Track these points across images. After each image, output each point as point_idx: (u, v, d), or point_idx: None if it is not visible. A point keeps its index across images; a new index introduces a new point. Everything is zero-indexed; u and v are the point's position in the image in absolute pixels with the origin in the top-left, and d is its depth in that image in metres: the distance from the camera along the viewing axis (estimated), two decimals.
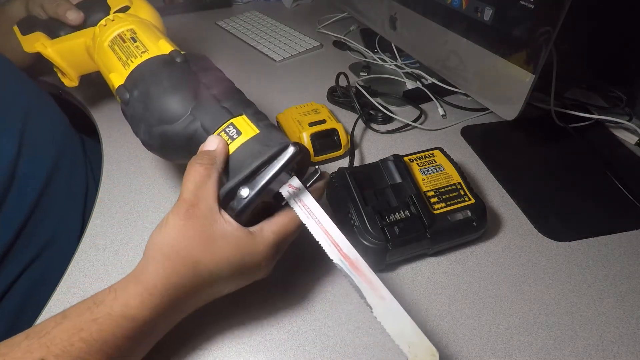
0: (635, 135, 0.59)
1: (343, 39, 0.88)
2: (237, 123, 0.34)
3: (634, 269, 0.43)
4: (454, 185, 0.44)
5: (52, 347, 0.27)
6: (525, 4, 0.45)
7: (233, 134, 0.34)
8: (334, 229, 0.32)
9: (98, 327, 0.28)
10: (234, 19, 0.99)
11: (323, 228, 0.32)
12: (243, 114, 0.35)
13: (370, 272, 0.30)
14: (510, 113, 0.50)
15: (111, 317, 0.28)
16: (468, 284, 0.41)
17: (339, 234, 0.31)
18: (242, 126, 0.34)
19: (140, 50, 0.41)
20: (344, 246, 0.31)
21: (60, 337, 0.27)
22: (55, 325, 0.28)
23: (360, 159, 0.57)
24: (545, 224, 0.47)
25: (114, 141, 0.60)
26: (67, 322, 0.28)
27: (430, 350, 0.26)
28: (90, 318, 0.28)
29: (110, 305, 0.28)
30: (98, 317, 0.28)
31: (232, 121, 0.35)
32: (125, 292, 0.29)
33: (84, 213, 0.56)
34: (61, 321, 0.28)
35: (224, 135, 0.34)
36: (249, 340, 0.36)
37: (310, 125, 0.55)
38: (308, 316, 0.38)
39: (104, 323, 0.28)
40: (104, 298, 0.29)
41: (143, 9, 0.50)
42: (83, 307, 0.29)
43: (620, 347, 0.36)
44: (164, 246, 0.30)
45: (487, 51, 0.52)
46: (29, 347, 0.27)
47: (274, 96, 0.70)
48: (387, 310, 0.28)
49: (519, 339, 0.37)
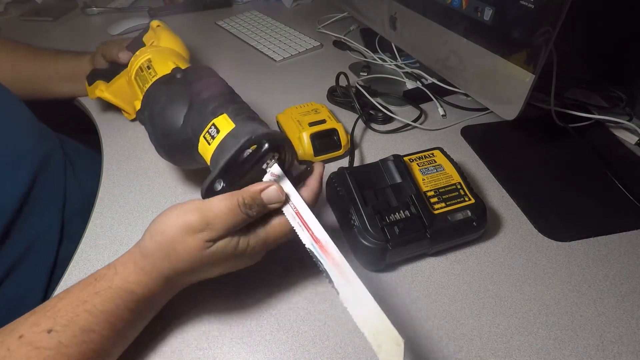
0: (635, 135, 0.59)
1: (343, 39, 0.88)
2: (218, 122, 0.36)
3: (634, 269, 0.43)
4: (454, 185, 0.44)
5: (58, 318, 0.29)
6: (525, 4, 0.45)
7: (214, 133, 0.36)
8: (307, 213, 0.32)
9: (100, 299, 0.30)
10: (234, 19, 0.99)
11: (297, 212, 0.32)
12: (224, 113, 0.36)
13: (339, 255, 0.29)
14: (510, 113, 0.50)
15: (111, 289, 0.31)
16: (468, 284, 0.41)
17: (312, 218, 0.31)
18: (221, 124, 0.36)
19: (152, 75, 0.45)
20: (315, 229, 0.31)
21: (65, 309, 0.29)
22: (59, 300, 0.30)
23: (360, 159, 0.57)
24: (545, 224, 0.47)
25: (114, 141, 0.60)
26: (70, 296, 0.30)
27: (396, 339, 0.25)
28: (92, 291, 0.31)
29: (111, 279, 0.31)
30: (99, 290, 0.31)
31: (214, 121, 0.36)
32: (124, 270, 0.32)
33: (63, 215, 0.55)
34: (64, 296, 0.30)
35: (208, 136, 0.36)
36: (249, 340, 0.36)
37: (310, 125, 0.55)
38: (308, 316, 0.38)
39: (106, 295, 0.30)
40: (105, 273, 0.32)
41: (164, 38, 0.55)
42: (84, 283, 0.31)
43: (620, 347, 0.36)
44: (165, 247, 0.31)
45: (487, 51, 0.52)
46: (35, 320, 0.29)
47: (274, 96, 0.70)
48: (352, 295, 0.28)
49: (519, 339, 0.37)
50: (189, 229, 0.30)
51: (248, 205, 0.31)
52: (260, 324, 0.38)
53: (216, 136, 0.35)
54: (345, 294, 0.28)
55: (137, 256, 0.32)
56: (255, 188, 0.31)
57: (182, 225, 0.31)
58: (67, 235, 0.54)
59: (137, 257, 0.32)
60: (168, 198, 0.50)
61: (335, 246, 0.30)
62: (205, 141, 0.36)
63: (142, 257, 0.32)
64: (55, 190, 0.55)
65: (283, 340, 0.36)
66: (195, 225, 0.30)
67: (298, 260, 0.42)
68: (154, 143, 0.43)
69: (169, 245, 0.31)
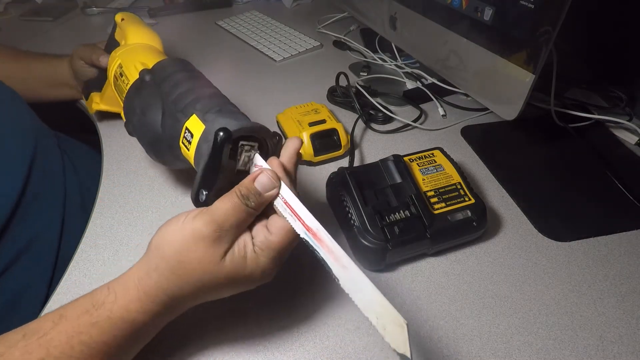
0: (635, 135, 0.59)
1: (343, 39, 0.88)
2: (190, 125, 0.34)
3: (634, 269, 0.42)
4: (454, 185, 0.44)
5: (51, 349, 0.27)
6: (525, 4, 0.45)
7: (189, 138, 0.34)
8: (295, 201, 0.31)
9: (98, 330, 0.28)
10: (234, 19, 0.99)
11: (286, 202, 0.31)
12: (193, 113, 0.34)
13: (332, 242, 0.29)
14: (510, 113, 0.50)
15: (111, 320, 0.28)
16: (468, 284, 0.41)
17: (300, 206, 0.31)
18: (193, 127, 0.34)
19: (125, 83, 0.43)
20: (306, 218, 0.30)
21: (58, 339, 0.27)
22: (53, 326, 0.28)
23: (360, 159, 0.57)
24: (545, 224, 0.47)
25: (114, 141, 0.60)
26: (65, 324, 0.28)
27: (398, 321, 0.25)
28: (89, 321, 0.28)
29: (110, 309, 0.29)
30: (98, 321, 0.28)
31: (186, 125, 0.34)
32: (125, 296, 0.29)
33: (64, 213, 0.55)
34: (59, 322, 0.28)
35: (185, 142, 0.34)
36: (249, 340, 0.36)
37: (310, 125, 0.55)
38: (308, 316, 0.38)
39: (104, 327, 0.28)
40: (103, 300, 0.29)
41: (129, 34, 0.50)
42: (81, 309, 0.29)
43: (620, 347, 0.36)
44: (173, 260, 0.29)
45: (487, 51, 0.52)
46: (26, 347, 0.27)
47: (274, 96, 0.70)
48: (351, 281, 0.27)
49: (519, 339, 0.37)
50: (200, 235, 0.29)
51: (245, 197, 0.30)
52: (260, 323, 0.38)
53: (192, 140, 0.33)
54: (345, 280, 0.27)
55: (142, 276, 0.30)
56: (247, 179, 0.31)
57: (191, 232, 0.29)
58: (67, 232, 0.54)
59: (141, 277, 0.30)
60: (168, 198, 0.50)
61: (327, 233, 0.29)
62: (185, 147, 0.34)
63: (147, 276, 0.30)
64: (54, 188, 0.55)
65: (283, 340, 0.36)
66: (205, 230, 0.29)
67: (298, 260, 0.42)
68: (146, 151, 0.41)
69: (178, 258, 0.29)
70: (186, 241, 0.29)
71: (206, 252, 0.29)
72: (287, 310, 0.39)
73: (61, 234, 0.54)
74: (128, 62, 0.45)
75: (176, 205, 0.49)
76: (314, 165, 0.55)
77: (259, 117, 0.63)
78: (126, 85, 0.42)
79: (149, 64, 0.42)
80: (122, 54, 0.47)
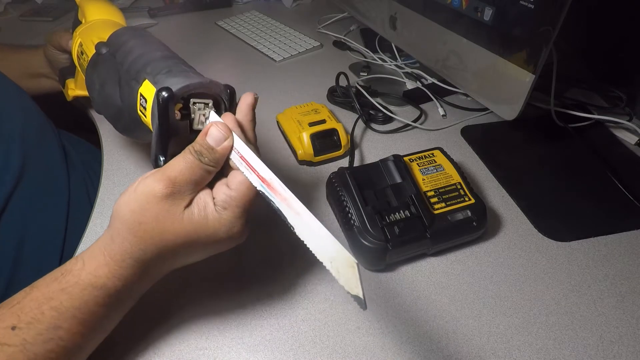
0: (635, 135, 0.59)
1: (343, 39, 0.88)
2: (143, 91, 0.33)
3: (634, 269, 0.42)
4: (454, 185, 0.44)
5: (22, 315, 0.28)
6: (525, 3, 0.45)
7: (144, 104, 0.33)
8: (248, 153, 0.31)
9: (67, 296, 0.28)
10: (234, 19, 0.99)
11: (241, 156, 0.31)
12: (145, 78, 0.33)
13: (284, 189, 0.28)
14: (510, 113, 0.50)
15: (79, 285, 0.29)
16: (468, 284, 0.41)
17: (254, 157, 0.30)
18: (146, 92, 0.32)
19: (85, 61, 0.41)
20: (259, 169, 0.30)
21: (29, 306, 0.28)
22: (25, 296, 0.29)
23: (360, 159, 0.57)
24: (545, 224, 0.47)
25: (114, 141, 0.60)
26: (35, 292, 0.29)
27: (350, 262, 0.25)
28: (58, 287, 0.29)
29: (78, 275, 0.29)
30: (66, 287, 0.29)
31: (140, 91, 0.33)
32: (92, 262, 0.30)
33: (69, 209, 0.55)
34: (30, 291, 0.29)
35: (142, 109, 0.33)
36: (249, 340, 0.36)
37: (310, 125, 0.55)
38: (308, 316, 0.38)
39: (73, 292, 0.29)
40: (71, 268, 0.30)
41: (88, 11, 0.48)
42: (50, 278, 0.29)
43: (620, 347, 0.36)
44: (131, 221, 0.29)
45: (487, 51, 0.52)
46: (0, 315, 0.28)
47: (274, 96, 0.70)
48: (305, 227, 0.27)
49: (519, 339, 0.37)
50: (152, 192, 0.29)
51: (199, 152, 0.29)
52: (260, 323, 0.38)
53: (146, 106, 0.32)
54: (299, 227, 0.27)
55: (107, 242, 0.30)
56: (200, 135, 0.30)
57: (144, 191, 0.29)
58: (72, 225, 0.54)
59: (106, 243, 0.30)
60: None
61: (280, 182, 0.29)
62: (142, 114, 0.33)
63: (111, 241, 0.30)
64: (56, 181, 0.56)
65: (283, 340, 0.36)
66: (160, 188, 0.29)
67: (298, 261, 0.42)
68: (114, 127, 0.39)
69: (135, 218, 0.29)
70: (140, 200, 0.29)
71: (161, 209, 0.29)
72: (287, 310, 0.39)
73: (66, 227, 0.54)
74: (86, 39, 0.43)
75: None
76: (314, 165, 0.55)
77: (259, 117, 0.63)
78: (87, 63, 0.41)
79: (105, 38, 0.40)
80: (82, 32, 0.45)
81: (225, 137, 0.31)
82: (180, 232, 0.30)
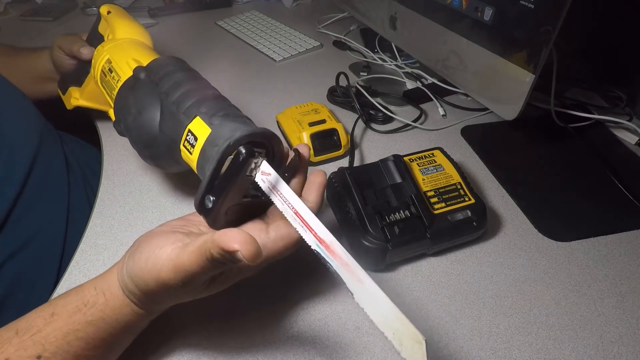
0: (635, 135, 0.59)
1: (343, 39, 0.88)
2: (193, 128, 0.33)
3: (634, 269, 0.42)
4: (454, 185, 0.44)
5: (47, 345, 0.28)
6: (525, 3, 0.45)
7: (192, 141, 0.33)
8: (308, 213, 0.30)
9: (94, 328, 0.29)
10: (234, 19, 0.99)
11: (297, 213, 0.30)
12: (197, 115, 0.33)
13: (347, 255, 0.28)
14: (510, 113, 0.50)
15: (105, 321, 0.30)
16: (468, 284, 0.41)
17: (313, 218, 0.29)
18: (197, 130, 0.32)
19: (115, 80, 0.41)
20: (319, 230, 0.29)
21: (54, 335, 0.28)
22: (46, 324, 0.29)
23: (360, 159, 0.57)
24: (545, 224, 0.47)
25: (114, 141, 0.60)
26: (58, 321, 0.29)
27: (416, 337, 0.24)
28: (84, 320, 0.29)
29: (102, 310, 0.30)
30: (92, 320, 0.29)
31: (189, 127, 0.33)
32: (115, 300, 0.30)
33: (68, 210, 0.55)
34: (51, 319, 0.29)
35: (187, 145, 0.33)
36: (249, 341, 0.36)
37: (310, 125, 0.55)
38: (308, 316, 0.38)
39: (100, 325, 0.30)
40: (94, 301, 0.30)
41: (118, 28, 0.48)
42: (72, 307, 0.30)
43: (620, 347, 0.36)
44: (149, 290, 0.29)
45: (487, 51, 0.52)
46: (21, 343, 0.28)
47: (274, 96, 0.70)
48: (367, 295, 0.27)
49: (519, 339, 0.37)
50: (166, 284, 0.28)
51: (219, 262, 0.26)
52: (260, 324, 0.38)
53: (195, 144, 0.32)
54: (360, 294, 0.27)
55: (126, 282, 0.30)
56: (220, 241, 0.25)
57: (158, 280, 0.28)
58: (72, 227, 0.55)
59: (125, 283, 0.30)
60: (168, 198, 0.50)
61: (341, 246, 0.28)
62: (187, 150, 0.33)
63: (130, 281, 0.30)
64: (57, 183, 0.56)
65: (283, 340, 0.36)
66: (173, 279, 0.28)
67: (298, 261, 0.42)
68: (139, 154, 0.40)
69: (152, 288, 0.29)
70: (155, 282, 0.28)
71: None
72: (287, 310, 0.39)
73: (66, 228, 0.54)
74: (119, 58, 0.43)
75: (176, 205, 0.49)
76: (314, 165, 0.55)
77: (259, 117, 0.63)
78: (117, 82, 0.41)
79: (142, 61, 0.40)
80: (110, 48, 0.45)
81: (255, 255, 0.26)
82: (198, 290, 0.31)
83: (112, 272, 0.31)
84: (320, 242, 0.29)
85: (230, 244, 0.24)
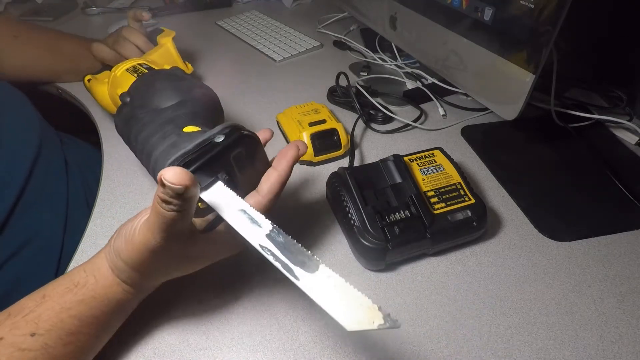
0: (635, 135, 0.59)
1: (343, 39, 0.88)
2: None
3: (634, 269, 0.42)
4: (454, 185, 0.44)
5: (40, 323, 0.29)
6: (525, 3, 0.45)
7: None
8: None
9: (86, 307, 0.31)
10: (234, 19, 0.99)
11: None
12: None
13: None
14: (510, 113, 0.50)
15: (96, 299, 0.31)
16: (468, 284, 0.41)
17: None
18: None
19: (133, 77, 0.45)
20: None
21: (47, 314, 0.29)
22: (38, 305, 0.30)
23: (360, 159, 0.57)
24: (545, 224, 0.47)
25: (114, 141, 0.59)
26: (50, 301, 0.30)
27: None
28: (75, 299, 0.30)
29: (93, 289, 0.31)
30: (84, 299, 0.31)
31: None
32: (105, 280, 0.32)
33: (67, 211, 0.55)
34: (42, 301, 0.30)
35: None
36: (249, 340, 0.36)
37: (310, 125, 0.55)
38: (308, 316, 0.38)
39: (92, 304, 0.31)
40: (84, 282, 0.31)
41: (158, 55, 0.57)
42: (62, 288, 0.31)
43: (620, 347, 0.36)
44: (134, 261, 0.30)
45: (487, 51, 0.52)
46: (14, 324, 0.29)
47: (274, 96, 0.70)
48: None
49: (519, 339, 0.37)
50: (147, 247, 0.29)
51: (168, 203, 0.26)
52: (260, 323, 0.38)
53: None
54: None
55: (114, 260, 0.31)
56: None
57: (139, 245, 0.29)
58: (71, 228, 0.55)
59: (114, 262, 0.31)
60: None
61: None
62: None
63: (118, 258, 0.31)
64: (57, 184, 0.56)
65: (283, 340, 0.36)
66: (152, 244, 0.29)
67: None
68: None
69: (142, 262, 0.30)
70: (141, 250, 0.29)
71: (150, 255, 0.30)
72: (287, 310, 0.39)
73: (65, 229, 0.54)
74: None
75: None
76: (314, 165, 0.55)
77: (259, 117, 0.63)
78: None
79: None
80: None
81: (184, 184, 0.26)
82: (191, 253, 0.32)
83: (99, 256, 0.33)
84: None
85: (159, 177, 0.25)
